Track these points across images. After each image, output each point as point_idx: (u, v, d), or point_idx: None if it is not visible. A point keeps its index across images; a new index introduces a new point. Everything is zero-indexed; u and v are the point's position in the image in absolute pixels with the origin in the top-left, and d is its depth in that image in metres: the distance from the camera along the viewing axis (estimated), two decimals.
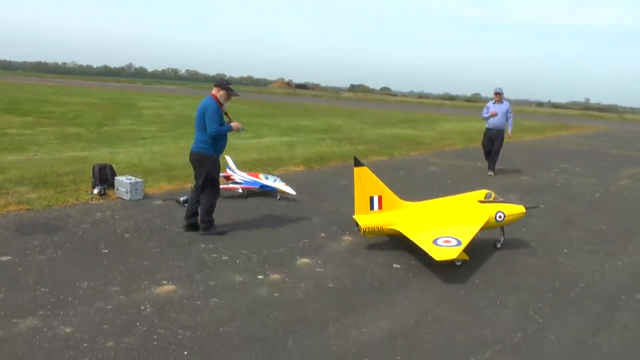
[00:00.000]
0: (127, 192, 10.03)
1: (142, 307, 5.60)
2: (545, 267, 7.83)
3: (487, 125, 16.13)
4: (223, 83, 8.25)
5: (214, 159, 8.21)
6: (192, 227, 8.40)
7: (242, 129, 8.45)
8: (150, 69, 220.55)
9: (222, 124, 8.09)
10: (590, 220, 10.98)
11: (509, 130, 16.26)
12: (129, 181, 10.09)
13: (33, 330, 5.02)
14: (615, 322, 6.07)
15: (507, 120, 15.98)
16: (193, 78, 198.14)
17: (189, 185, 11.16)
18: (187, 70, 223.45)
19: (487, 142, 16.22)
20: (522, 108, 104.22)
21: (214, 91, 8.21)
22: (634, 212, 12.16)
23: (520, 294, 6.67)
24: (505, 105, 15.86)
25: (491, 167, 16.38)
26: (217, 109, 8.03)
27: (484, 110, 16.14)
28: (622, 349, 5.44)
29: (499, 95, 15.87)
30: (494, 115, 15.76)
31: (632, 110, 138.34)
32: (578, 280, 7.32)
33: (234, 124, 8.30)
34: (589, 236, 9.67)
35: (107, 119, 26.21)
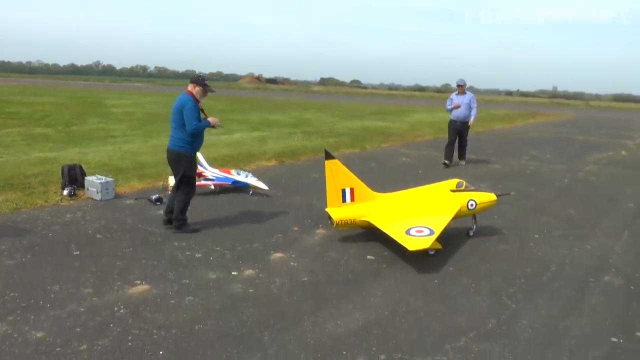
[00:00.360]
0: (97, 192, 9.89)
1: (116, 308, 5.54)
2: (517, 253, 7.95)
3: (451, 117, 16.13)
4: (199, 79, 8.19)
5: (191, 157, 8.16)
6: (171, 222, 8.38)
7: (219, 125, 8.42)
8: (118, 67, 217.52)
9: (199, 120, 8.05)
10: (559, 205, 11.17)
11: (471, 120, 16.14)
12: (99, 181, 9.96)
13: (2, 336, 4.92)
14: (585, 305, 6.19)
15: (470, 110, 16.00)
16: (162, 75, 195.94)
17: (161, 183, 11.09)
18: (156, 67, 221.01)
19: (452, 134, 16.20)
20: (492, 97, 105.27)
21: (190, 88, 8.12)
22: (600, 196, 12.40)
23: (493, 281, 6.76)
24: (468, 96, 15.87)
25: (461, 155, 16.55)
26: (195, 106, 7.97)
27: (448, 102, 16.16)
28: (591, 331, 5.55)
29: (461, 87, 15.87)
30: (457, 107, 15.78)
31: (598, 97, 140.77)
32: (549, 265, 7.44)
33: (211, 120, 8.24)
34: (558, 221, 9.83)
35: (75, 118, 25.80)
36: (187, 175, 8.17)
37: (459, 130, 16.12)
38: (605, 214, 10.69)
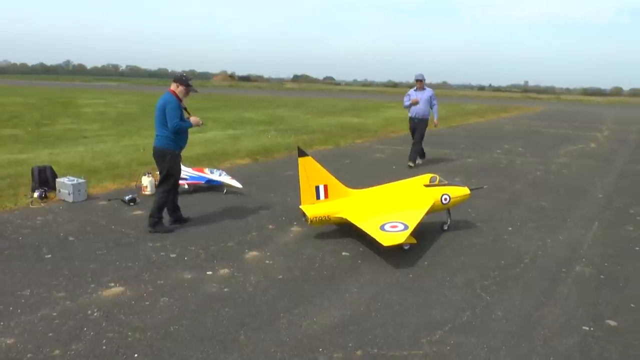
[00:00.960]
0: (69, 194, 9.75)
1: (90, 312, 5.46)
2: (491, 245, 8.03)
3: (409, 114, 15.19)
4: (182, 79, 8.26)
5: (176, 154, 8.29)
6: (178, 221, 8.62)
7: (202, 123, 8.50)
8: (89, 66, 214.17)
9: (182, 119, 8.14)
10: (532, 198, 11.32)
11: (435, 119, 15.42)
12: (71, 182, 9.82)
13: None
14: (557, 294, 6.28)
15: (431, 107, 15.02)
16: (135, 74, 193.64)
17: (134, 183, 10.96)
18: (128, 66, 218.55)
19: (411, 131, 15.38)
20: (465, 92, 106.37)
21: (173, 87, 8.24)
22: (572, 188, 12.59)
23: (467, 274, 6.81)
24: (428, 92, 14.86)
25: (412, 157, 15.17)
26: (177, 104, 8.08)
27: (405, 99, 15.18)
28: (565, 320, 5.63)
29: (420, 82, 14.86)
30: (416, 103, 14.81)
31: (568, 91, 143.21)
32: (522, 257, 7.53)
33: (193, 119, 8.31)
34: (531, 213, 9.95)
35: (45, 118, 25.42)
36: (170, 174, 8.26)
37: (415, 127, 15.16)
38: (576, 205, 10.86)
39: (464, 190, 8.70)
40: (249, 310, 5.60)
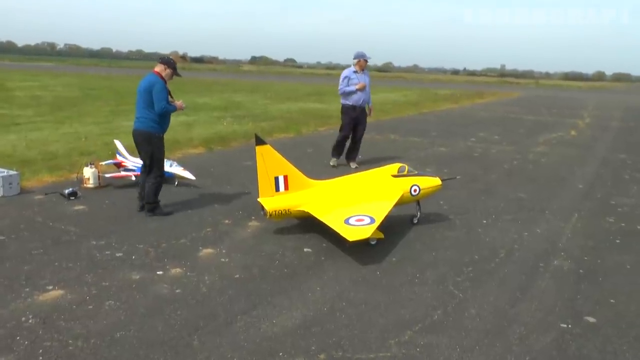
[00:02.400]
0: None
1: (24, 319, 5.37)
2: (464, 239, 8.17)
3: (348, 102, 13.24)
4: (171, 62, 8.85)
5: (161, 137, 8.80)
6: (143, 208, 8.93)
7: (184, 107, 9.12)
8: (20, 44, 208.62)
9: (168, 102, 8.65)
10: (508, 188, 11.55)
11: (370, 108, 13.91)
12: (1, 174, 9.62)
13: None
14: (535, 290, 6.44)
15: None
16: (74, 53, 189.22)
17: (75, 175, 10.81)
18: (66, 45, 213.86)
19: (349, 125, 13.41)
20: (437, 77, 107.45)
21: (159, 68, 8.72)
22: (550, 178, 12.89)
23: (439, 269, 6.93)
24: (367, 76, 13.32)
25: (352, 156, 13.79)
26: (164, 86, 8.61)
27: (343, 83, 13.12)
28: (543, 315, 5.79)
29: (365, 62, 13.16)
30: (363, 88, 13.05)
31: (548, 76, 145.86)
32: (498, 251, 7.69)
33: (178, 104, 8.84)
34: (507, 205, 10.16)
35: None
36: (157, 157, 8.76)
37: (356, 121, 13.44)
38: (555, 195, 11.12)
39: (435, 181, 8.81)
40: (203, 312, 5.60)
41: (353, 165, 13.48)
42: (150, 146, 8.70)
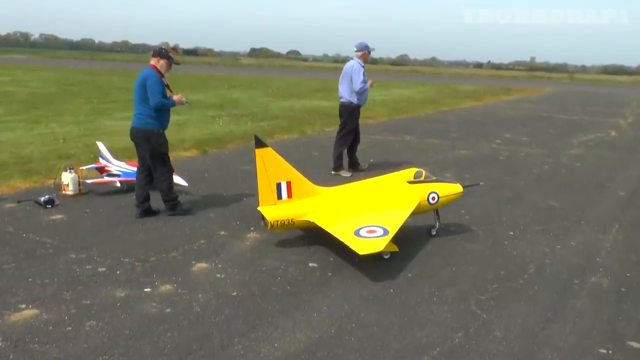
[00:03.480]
0: None
1: None
2: (488, 253, 8.17)
3: (359, 102, 13.20)
4: (162, 52, 9.23)
5: (161, 134, 9.18)
6: (147, 212, 9.25)
7: (186, 102, 9.54)
8: None
9: (164, 95, 9.05)
10: (539, 196, 11.53)
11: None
12: None
13: None
14: (568, 311, 6.42)
15: None
16: (51, 45, 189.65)
17: (52, 180, 10.85)
18: (42, 35, 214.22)
19: (356, 128, 13.51)
20: (458, 71, 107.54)
21: (153, 61, 9.14)
22: (587, 184, 12.86)
23: (460, 287, 6.93)
24: None
25: (356, 159, 13.73)
26: (159, 80, 9.00)
27: (363, 78, 12.85)
28: (578, 339, 5.77)
29: (369, 54, 13.31)
30: (372, 85, 13.37)
31: (584, 69, 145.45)
32: (526, 266, 7.68)
33: (176, 98, 9.25)
34: (537, 214, 10.15)
35: None
36: (159, 153, 9.16)
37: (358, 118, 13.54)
38: (592, 204, 11.11)
39: (456, 188, 8.81)
40: (196, 334, 5.61)
41: (365, 165, 13.64)
42: (149, 144, 9.05)
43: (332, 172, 12.91)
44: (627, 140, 21.08)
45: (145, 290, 6.57)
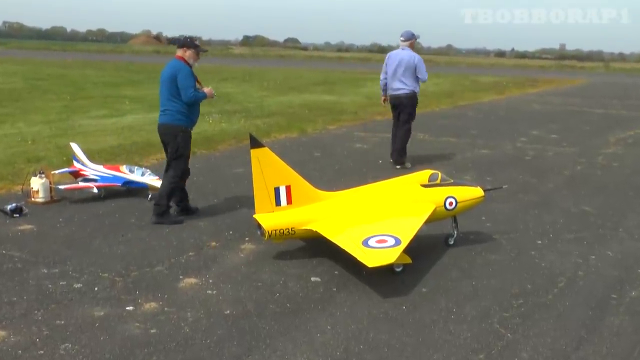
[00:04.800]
0: None
1: None
2: (513, 264, 8.19)
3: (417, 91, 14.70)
4: (187, 41, 9.61)
5: (188, 132, 9.66)
6: (185, 211, 9.85)
7: (214, 95, 10.02)
8: None
9: (196, 88, 9.48)
10: (570, 200, 11.55)
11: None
12: None
13: None
14: (605, 328, 6.44)
15: None
16: (16, 34, 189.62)
17: (20, 187, 10.87)
18: (6, 23, 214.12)
19: None
20: (477, 60, 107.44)
21: (180, 52, 9.55)
22: (625, 187, 12.86)
23: (481, 303, 6.95)
24: None
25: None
26: (190, 72, 9.46)
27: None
28: None
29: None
30: None
31: (622, 57, 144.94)
32: (556, 279, 7.70)
33: (207, 90, 9.73)
34: (569, 221, 10.17)
35: None
36: (179, 154, 9.54)
37: None
38: (632, 209, 11.14)
39: (476, 192, 8.84)
40: (185, 358, 5.65)
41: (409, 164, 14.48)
42: (175, 142, 9.49)
43: (397, 166, 14.22)
44: None
45: (127, 308, 6.60)
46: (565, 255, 8.57)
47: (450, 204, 8.47)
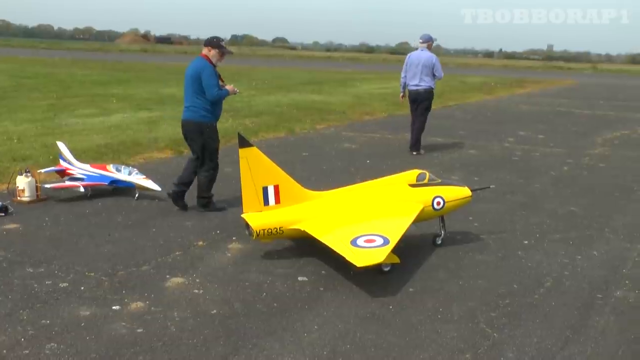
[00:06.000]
0: None
1: None
2: (499, 265, 8.23)
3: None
4: (213, 41, 10.01)
5: (213, 127, 10.11)
6: (178, 195, 10.10)
7: (237, 92, 10.41)
8: None
9: (219, 87, 9.91)
10: (557, 201, 11.60)
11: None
12: None
13: None
14: (590, 328, 6.48)
15: None
16: (3, 32, 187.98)
17: (6, 186, 10.82)
18: None
19: None
20: (465, 60, 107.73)
21: (205, 51, 10.01)
22: (612, 188, 12.92)
23: (468, 303, 6.97)
24: None
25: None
26: (214, 71, 9.88)
27: None
28: None
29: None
30: None
31: (609, 59, 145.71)
32: (542, 279, 7.74)
33: (229, 88, 10.15)
34: (555, 221, 10.22)
35: None
36: (210, 148, 10.00)
37: None
38: (618, 209, 11.19)
39: (464, 192, 8.87)
40: (171, 357, 5.64)
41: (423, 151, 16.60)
42: (202, 137, 9.91)
43: (414, 153, 16.31)
44: None
45: (114, 308, 6.59)
46: (552, 255, 8.61)
47: (438, 203, 8.49)
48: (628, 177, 14.02)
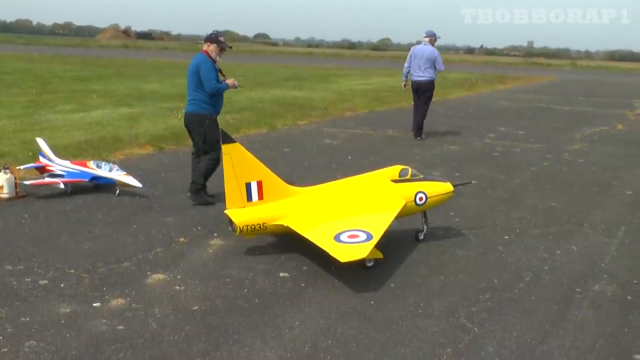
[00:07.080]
0: None
1: None
2: (480, 260, 8.27)
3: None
4: (211, 37, 10.32)
5: (214, 119, 10.43)
6: (198, 190, 10.36)
7: (238, 85, 10.70)
8: None
9: (218, 80, 10.26)
10: (537, 196, 11.68)
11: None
12: None
13: None
14: (569, 322, 6.54)
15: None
16: None
17: None
18: None
19: None
20: (446, 56, 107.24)
21: (205, 47, 10.37)
22: (590, 183, 13.02)
23: (448, 298, 7.01)
24: None
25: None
26: (212, 65, 10.21)
27: None
28: (580, 354, 5.89)
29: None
30: None
31: (588, 55, 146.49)
32: (522, 274, 7.80)
33: (229, 82, 10.45)
34: (535, 217, 10.29)
35: None
36: (210, 139, 10.16)
37: None
38: (597, 205, 11.28)
39: (446, 187, 8.90)
40: (152, 354, 5.63)
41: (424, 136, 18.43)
42: (203, 128, 10.24)
43: (418, 138, 18.13)
44: (635, 134, 21.33)
45: (94, 305, 6.57)
46: (532, 250, 8.68)
47: (421, 199, 8.52)
48: (606, 173, 14.14)
